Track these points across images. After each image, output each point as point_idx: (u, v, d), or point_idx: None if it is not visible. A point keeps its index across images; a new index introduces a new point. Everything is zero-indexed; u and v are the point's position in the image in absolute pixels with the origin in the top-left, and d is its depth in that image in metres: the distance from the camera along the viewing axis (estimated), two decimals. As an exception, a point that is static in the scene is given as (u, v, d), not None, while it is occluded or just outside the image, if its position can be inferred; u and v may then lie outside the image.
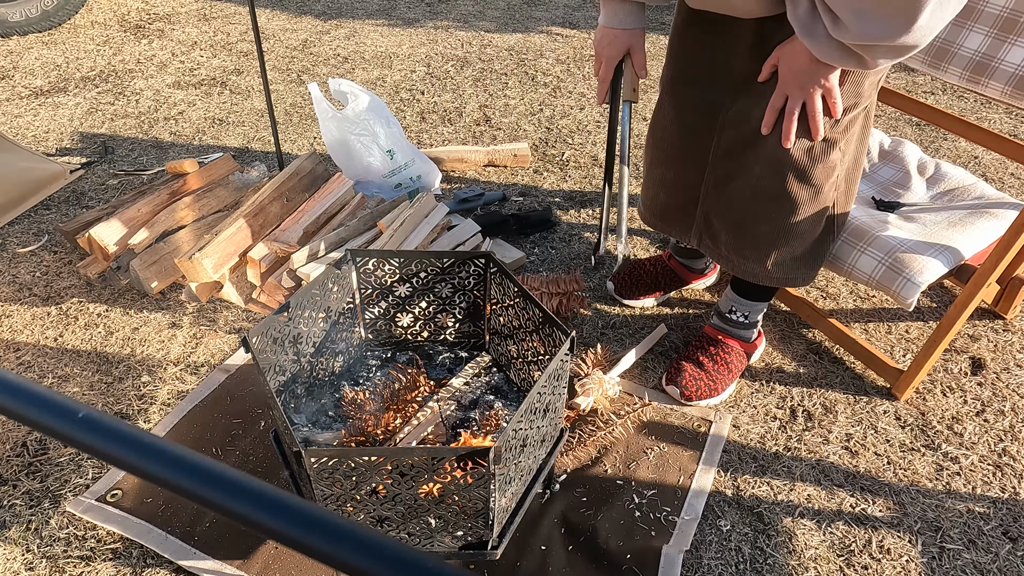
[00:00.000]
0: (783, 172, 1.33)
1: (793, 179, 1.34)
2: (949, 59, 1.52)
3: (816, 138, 1.28)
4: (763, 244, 1.44)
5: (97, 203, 2.30)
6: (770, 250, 1.44)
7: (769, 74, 1.26)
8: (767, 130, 1.30)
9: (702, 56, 1.37)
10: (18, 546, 1.35)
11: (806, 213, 1.39)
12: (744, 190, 1.39)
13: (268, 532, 0.39)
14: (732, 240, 1.47)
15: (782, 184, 1.35)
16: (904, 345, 1.81)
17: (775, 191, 1.36)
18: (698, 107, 1.40)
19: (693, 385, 1.61)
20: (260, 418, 1.58)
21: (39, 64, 3.23)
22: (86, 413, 0.42)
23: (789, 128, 1.27)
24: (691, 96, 1.41)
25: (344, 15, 3.84)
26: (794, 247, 1.44)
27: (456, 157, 2.48)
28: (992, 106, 2.91)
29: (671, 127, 1.48)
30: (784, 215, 1.39)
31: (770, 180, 1.35)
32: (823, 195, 1.37)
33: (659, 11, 3.89)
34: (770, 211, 1.39)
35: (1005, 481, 1.48)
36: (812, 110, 1.24)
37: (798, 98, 1.24)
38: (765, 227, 1.42)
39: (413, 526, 1.10)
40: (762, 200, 1.38)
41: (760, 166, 1.34)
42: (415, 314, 1.47)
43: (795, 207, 1.37)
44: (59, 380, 1.69)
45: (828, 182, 1.36)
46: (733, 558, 1.34)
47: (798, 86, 1.22)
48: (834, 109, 1.24)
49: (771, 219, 1.40)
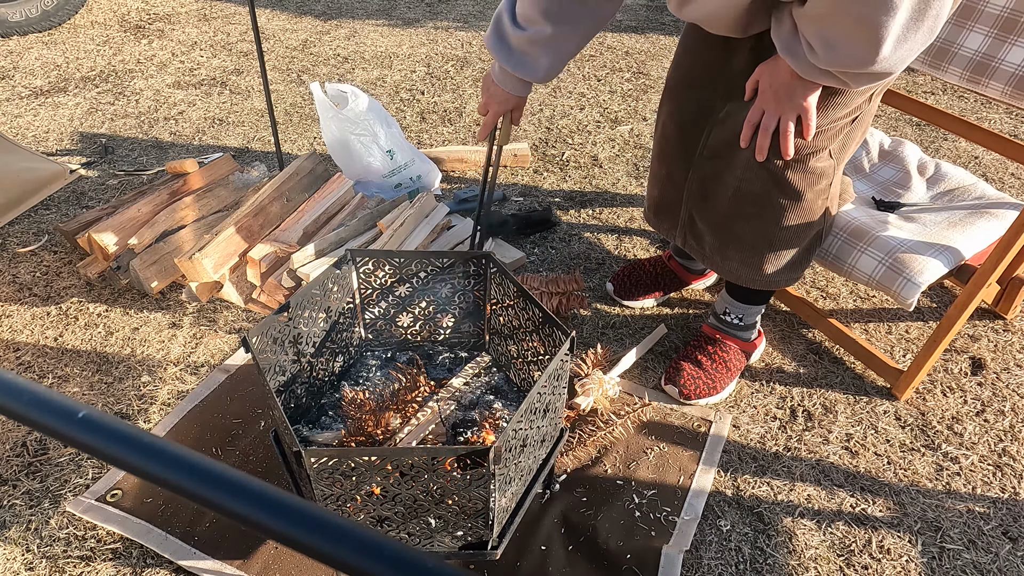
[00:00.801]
0: (764, 176, 1.33)
1: (774, 185, 1.34)
2: (949, 59, 1.52)
3: (785, 157, 1.29)
4: (746, 247, 1.44)
5: (97, 203, 2.30)
6: (753, 253, 1.45)
7: (751, 92, 1.28)
8: (744, 143, 1.31)
9: (703, 58, 1.38)
10: (18, 546, 1.35)
11: (789, 219, 1.39)
12: (726, 191, 1.39)
13: (268, 532, 0.39)
14: (715, 241, 1.48)
15: (763, 188, 1.35)
16: (904, 345, 1.81)
17: (756, 194, 1.36)
18: (693, 107, 1.42)
19: (692, 384, 1.61)
20: (260, 418, 1.58)
21: (39, 64, 3.23)
22: (86, 413, 0.42)
23: (763, 143, 1.28)
24: (691, 96, 1.42)
25: (344, 15, 3.84)
26: (778, 251, 1.44)
27: (456, 157, 2.48)
28: (992, 106, 2.91)
29: (668, 124, 1.49)
30: (766, 220, 1.39)
31: (751, 183, 1.35)
32: (806, 202, 1.37)
33: (659, 11, 3.89)
34: (751, 214, 1.39)
35: (1005, 481, 1.48)
36: (784, 129, 1.25)
37: (773, 114, 1.25)
38: (747, 229, 1.42)
39: (413, 526, 1.10)
40: (744, 202, 1.38)
41: (742, 168, 1.35)
42: (415, 314, 1.47)
43: (777, 212, 1.38)
44: (59, 380, 1.69)
45: (813, 189, 1.35)
46: (733, 558, 1.34)
47: (775, 102, 1.23)
48: (807, 130, 1.25)
49: (753, 222, 1.41)
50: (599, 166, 2.53)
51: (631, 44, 3.51)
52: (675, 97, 1.47)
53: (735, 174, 1.36)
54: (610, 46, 3.48)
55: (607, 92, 3.04)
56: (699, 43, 1.38)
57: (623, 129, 2.76)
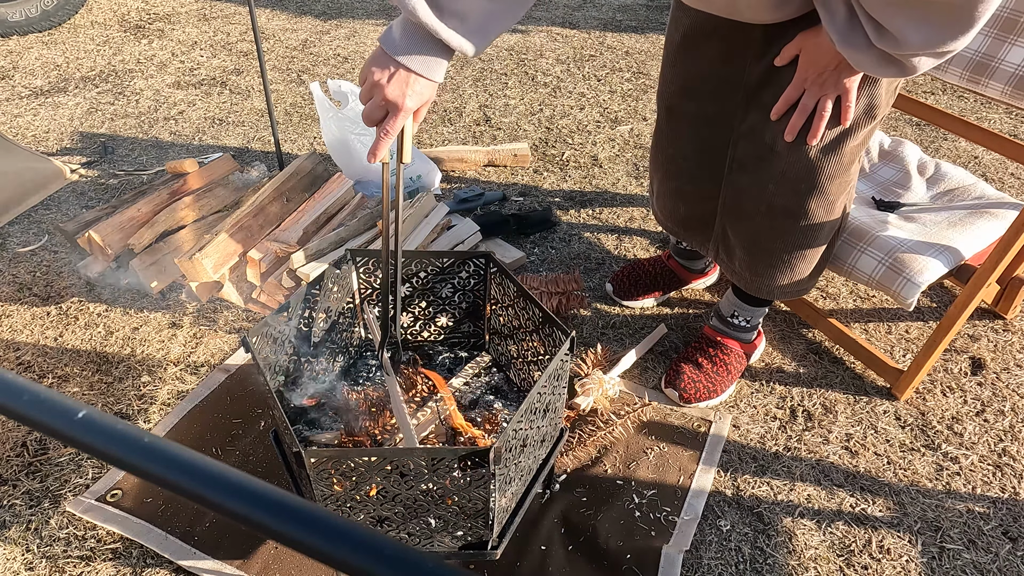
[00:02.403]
0: (798, 188, 1.30)
1: (808, 195, 1.31)
2: (949, 59, 1.52)
3: (812, 141, 1.23)
4: (776, 261, 1.42)
5: (97, 203, 2.30)
6: (783, 267, 1.43)
7: (789, 59, 1.19)
8: (776, 116, 1.24)
9: (709, 69, 1.32)
10: (18, 546, 1.35)
11: (821, 229, 1.37)
12: (759, 206, 1.36)
13: (268, 532, 0.39)
14: (746, 256, 1.45)
15: (798, 200, 1.32)
16: (904, 345, 1.81)
17: (790, 208, 1.33)
18: (711, 121, 1.36)
19: (692, 387, 1.61)
20: (260, 418, 1.58)
21: (39, 64, 3.23)
22: (86, 413, 0.42)
23: (797, 123, 1.22)
24: (704, 110, 1.37)
25: (344, 15, 3.84)
26: (809, 260, 1.43)
27: (456, 157, 2.48)
28: (992, 106, 2.91)
29: (685, 144, 1.44)
30: (799, 232, 1.37)
31: (785, 197, 1.32)
32: (836, 208, 1.36)
33: (659, 11, 3.89)
34: (785, 228, 1.37)
35: (1005, 481, 1.48)
36: (822, 109, 1.19)
37: (815, 95, 1.18)
38: (780, 244, 1.40)
39: (413, 526, 1.10)
40: (778, 216, 1.35)
41: (774, 183, 1.31)
42: (415, 314, 1.47)
43: (811, 223, 1.35)
44: (59, 380, 1.68)
45: (842, 196, 1.34)
46: (733, 558, 1.34)
47: (818, 82, 1.17)
48: (845, 115, 1.19)
49: (786, 236, 1.38)
50: (599, 166, 2.52)
51: (631, 44, 3.51)
52: (685, 112, 1.41)
53: (767, 188, 1.32)
54: (610, 46, 3.48)
55: (607, 92, 3.04)
56: (701, 54, 1.32)
57: (623, 129, 2.76)
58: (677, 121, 1.44)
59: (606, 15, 3.82)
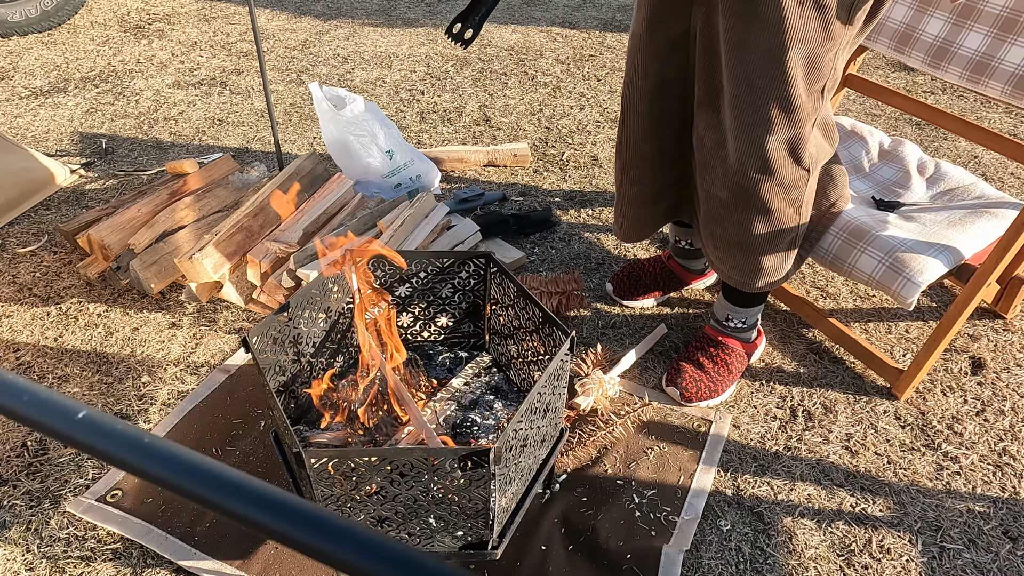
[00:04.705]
0: (755, 183, 1.34)
1: (767, 189, 1.34)
2: (949, 59, 1.52)
3: None
4: (747, 252, 1.44)
5: (97, 203, 2.30)
6: (755, 257, 1.44)
7: None
8: None
9: (670, 69, 1.38)
10: (18, 546, 1.35)
11: (785, 220, 1.39)
12: (720, 199, 1.39)
13: (268, 532, 0.39)
14: (717, 250, 1.48)
15: (757, 195, 1.35)
16: (904, 345, 1.81)
17: (752, 202, 1.36)
18: (673, 122, 1.44)
19: (693, 387, 1.61)
20: (260, 418, 1.58)
21: (39, 64, 3.23)
22: (86, 413, 0.42)
23: None
24: (668, 109, 1.43)
25: (344, 15, 3.84)
26: (778, 250, 1.45)
27: (456, 157, 2.48)
28: (992, 106, 2.91)
29: (645, 143, 1.48)
30: (763, 224, 1.39)
31: (741, 194, 1.36)
32: (799, 198, 1.38)
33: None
34: (749, 221, 1.40)
35: (1005, 481, 1.48)
36: None
37: None
38: (744, 235, 1.42)
39: (413, 526, 1.10)
40: (740, 210, 1.38)
41: (729, 180, 1.35)
42: (415, 314, 1.47)
43: (774, 216, 1.38)
44: (59, 380, 1.69)
45: (805, 186, 1.37)
46: (733, 558, 1.34)
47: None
48: None
49: (749, 228, 1.41)
50: (599, 166, 2.52)
51: (631, 44, 3.51)
52: (652, 111, 1.44)
53: (724, 184, 1.37)
54: (610, 46, 3.48)
55: (607, 92, 3.04)
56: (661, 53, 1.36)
57: (623, 129, 2.76)
58: (648, 118, 1.47)
59: (606, 15, 3.82)
